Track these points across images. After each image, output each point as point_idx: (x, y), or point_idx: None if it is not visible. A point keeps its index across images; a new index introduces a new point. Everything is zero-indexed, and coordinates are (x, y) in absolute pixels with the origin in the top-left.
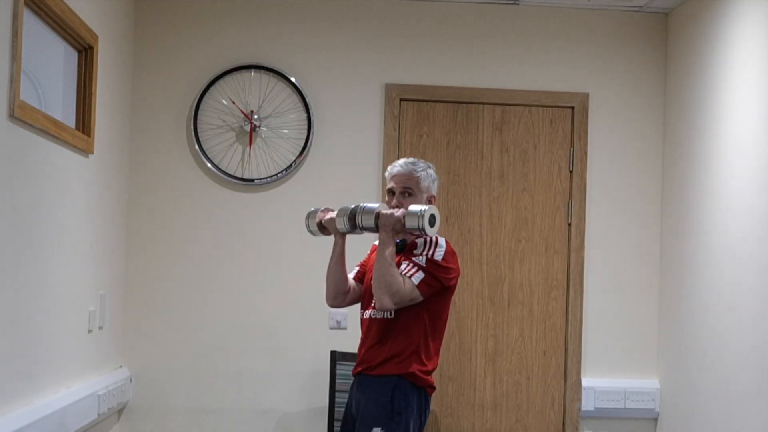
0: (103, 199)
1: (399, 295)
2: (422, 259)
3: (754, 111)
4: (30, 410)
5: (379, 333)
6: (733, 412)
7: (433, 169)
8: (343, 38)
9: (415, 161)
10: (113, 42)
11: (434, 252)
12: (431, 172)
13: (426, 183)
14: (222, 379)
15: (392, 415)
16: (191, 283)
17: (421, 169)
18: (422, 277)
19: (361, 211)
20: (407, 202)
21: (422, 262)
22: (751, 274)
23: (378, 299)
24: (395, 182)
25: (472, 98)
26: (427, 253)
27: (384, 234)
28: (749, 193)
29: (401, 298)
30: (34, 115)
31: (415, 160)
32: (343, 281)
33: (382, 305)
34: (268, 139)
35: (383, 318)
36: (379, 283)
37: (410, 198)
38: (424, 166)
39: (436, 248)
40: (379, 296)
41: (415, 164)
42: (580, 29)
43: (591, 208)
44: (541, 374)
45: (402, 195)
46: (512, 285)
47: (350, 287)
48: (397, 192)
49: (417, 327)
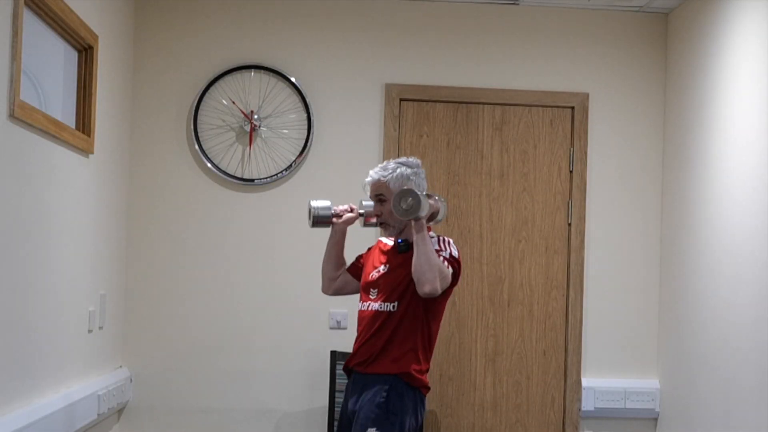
0: (103, 199)
1: (446, 280)
2: (445, 253)
3: (754, 111)
4: (30, 410)
5: (378, 327)
6: (733, 412)
7: (411, 166)
8: (343, 38)
9: (386, 165)
10: (113, 42)
11: (451, 250)
12: (403, 170)
13: (396, 185)
14: (222, 379)
15: (388, 415)
16: (191, 283)
17: (389, 171)
18: (452, 271)
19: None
20: (384, 208)
21: (448, 256)
22: (752, 274)
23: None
24: (370, 191)
25: (472, 98)
26: (446, 251)
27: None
28: (749, 193)
29: (444, 283)
30: (34, 115)
31: (389, 162)
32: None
33: (434, 288)
34: (268, 139)
35: (385, 311)
36: (431, 268)
37: (386, 204)
38: (394, 167)
39: (450, 246)
40: (430, 279)
41: (385, 168)
42: (580, 29)
43: (591, 208)
44: (541, 374)
45: (379, 202)
46: (512, 285)
47: (338, 275)
48: (374, 200)
49: (415, 324)
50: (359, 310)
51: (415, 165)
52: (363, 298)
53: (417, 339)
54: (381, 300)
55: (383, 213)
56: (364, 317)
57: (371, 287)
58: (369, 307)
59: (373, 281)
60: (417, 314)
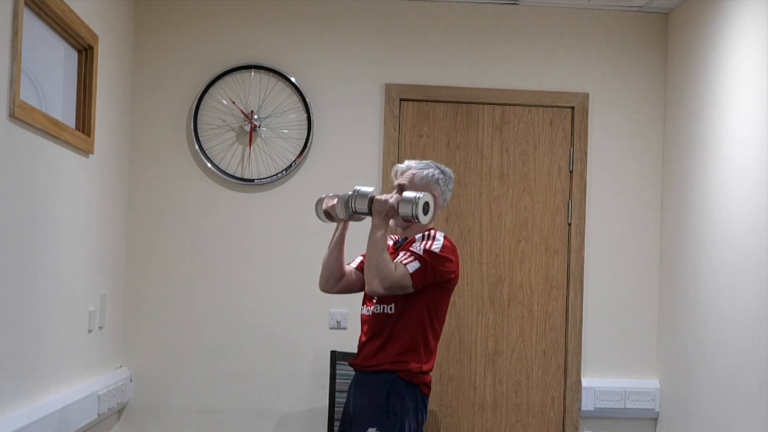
0: (103, 199)
1: (389, 280)
2: (419, 249)
3: (754, 111)
4: (30, 410)
5: (378, 328)
6: (733, 412)
7: (442, 173)
8: (343, 38)
9: (422, 161)
10: (113, 42)
11: (431, 244)
12: (433, 172)
13: (423, 180)
14: (222, 379)
15: (387, 415)
16: (191, 283)
17: (423, 166)
18: (417, 266)
19: (355, 196)
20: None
21: (419, 251)
22: (752, 274)
23: (368, 282)
24: (395, 178)
25: (472, 98)
26: (425, 245)
27: (377, 219)
28: (750, 193)
29: (391, 284)
30: (34, 115)
31: (429, 162)
32: (337, 267)
33: (372, 289)
34: (268, 139)
35: (382, 313)
36: (369, 267)
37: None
38: (426, 165)
39: (433, 241)
40: (369, 279)
41: (419, 162)
42: (580, 29)
43: (591, 208)
44: (541, 374)
45: (400, 190)
46: (512, 285)
47: (345, 274)
48: (397, 187)
49: (416, 324)
50: (362, 314)
51: (448, 174)
52: (364, 301)
53: (418, 337)
54: (378, 303)
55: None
56: (365, 321)
57: None
58: (372, 311)
59: None
60: (418, 312)
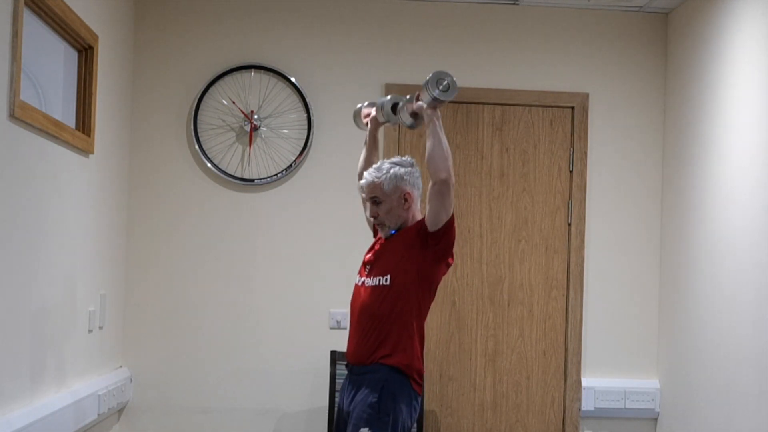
0: (103, 199)
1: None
2: None
3: (754, 110)
4: (30, 410)
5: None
6: (733, 412)
7: (405, 165)
8: (343, 38)
9: (380, 166)
10: (113, 42)
11: None
12: (397, 170)
13: (390, 185)
14: (222, 379)
15: (380, 415)
16: (191, 283)
17: (383, 173)
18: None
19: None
20: (380, 209)
21: None
22: (751, 275)
23: (439, 169)
24: (365, 194)
25: (472, 98)
26: None
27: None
28: (750, 193)
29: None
30: (34, 115)
31: (383, 163)
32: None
33: (438, 175)
34: (268, 139)
35: (378, 285)
36: (444, 150)
37: (381, 205)
38: (388, 168)
39: None
40: (440, 166)
41: (379, 170)
42: (580, 29)
43: (591, 208)
44: (541, 374)
45: (374, 204)
46: (512, 285)
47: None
48: (369, 202)
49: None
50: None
51: (409, 164)
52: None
53: (408, 327)
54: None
55: (379, 214)
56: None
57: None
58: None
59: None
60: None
